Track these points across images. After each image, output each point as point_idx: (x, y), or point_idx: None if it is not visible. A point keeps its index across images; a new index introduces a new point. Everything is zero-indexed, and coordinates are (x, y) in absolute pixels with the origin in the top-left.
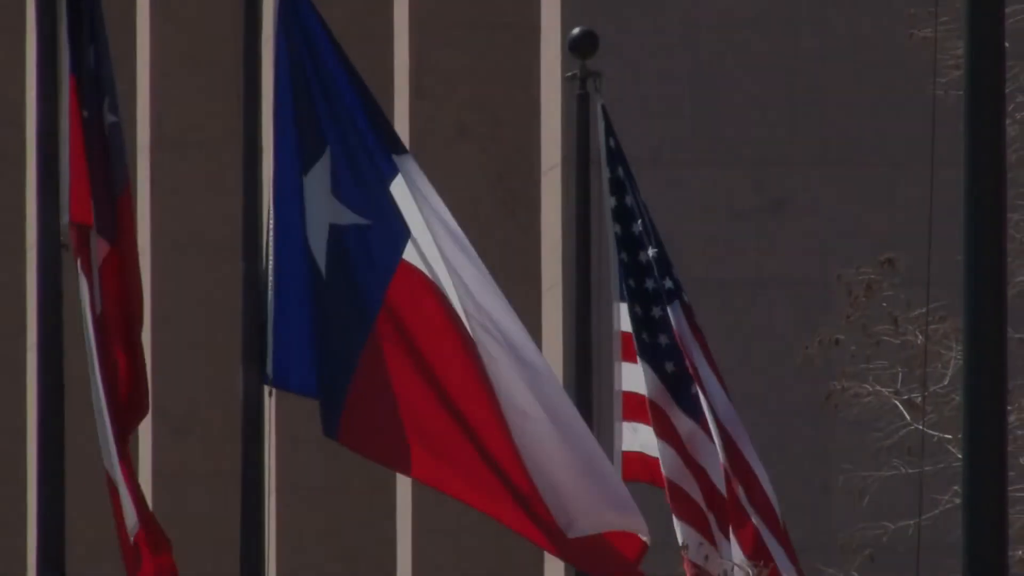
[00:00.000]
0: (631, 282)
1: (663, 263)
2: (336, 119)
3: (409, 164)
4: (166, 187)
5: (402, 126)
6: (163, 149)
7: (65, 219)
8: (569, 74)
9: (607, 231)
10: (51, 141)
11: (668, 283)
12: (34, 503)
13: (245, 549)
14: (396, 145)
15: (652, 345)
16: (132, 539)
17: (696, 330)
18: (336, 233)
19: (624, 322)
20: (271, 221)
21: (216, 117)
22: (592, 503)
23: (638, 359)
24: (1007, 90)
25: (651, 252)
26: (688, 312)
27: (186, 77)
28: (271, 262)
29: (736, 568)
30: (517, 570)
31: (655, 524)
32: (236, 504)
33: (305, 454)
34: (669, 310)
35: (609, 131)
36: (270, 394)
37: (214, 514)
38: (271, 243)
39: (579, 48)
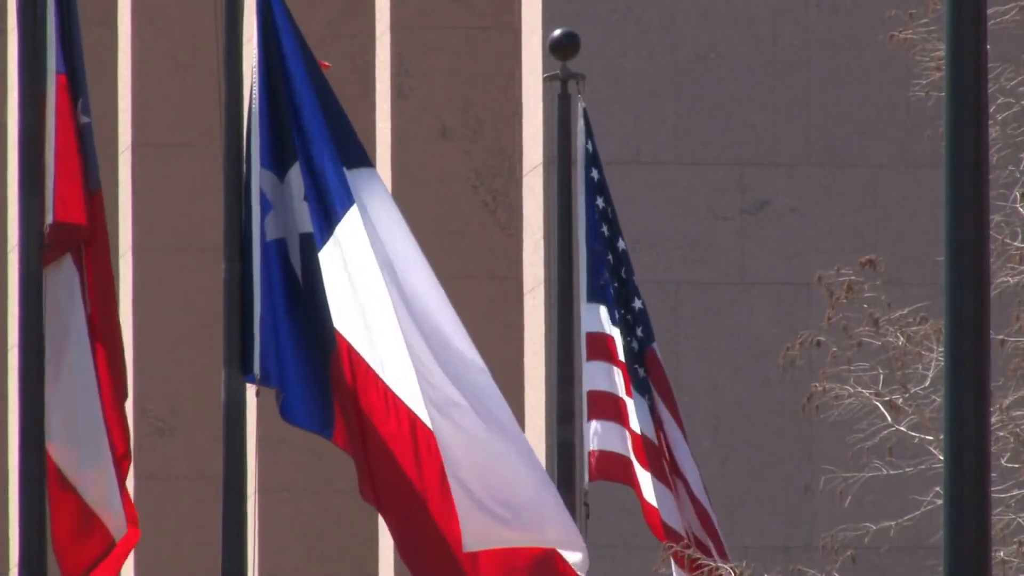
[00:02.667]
0: (602, 282)
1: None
2: (302, 135)
3: (367, 183)
4: (148, 188)
5: (383, 127)
6: (145, 150)
7: (51, 218)
8: (548, 75)
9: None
10: (35, 141)
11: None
12: (16, 504)
13: (227, 550)
14: (359, 160)
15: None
16: (116, 539)
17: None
18: (305, 241)
19: (590, 323)
20: (257, 221)
21: (198, 118)
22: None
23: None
24: (988, 91)
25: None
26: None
27: (168, 78)
28: (257, 260)
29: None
30: None
31: (629, 523)
32: (218, 504)
33: (287, 455)
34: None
35: (588, 134)
36: (257, 393)
37: (196, 514)
38: (257, 242)
39: (560, 49)
